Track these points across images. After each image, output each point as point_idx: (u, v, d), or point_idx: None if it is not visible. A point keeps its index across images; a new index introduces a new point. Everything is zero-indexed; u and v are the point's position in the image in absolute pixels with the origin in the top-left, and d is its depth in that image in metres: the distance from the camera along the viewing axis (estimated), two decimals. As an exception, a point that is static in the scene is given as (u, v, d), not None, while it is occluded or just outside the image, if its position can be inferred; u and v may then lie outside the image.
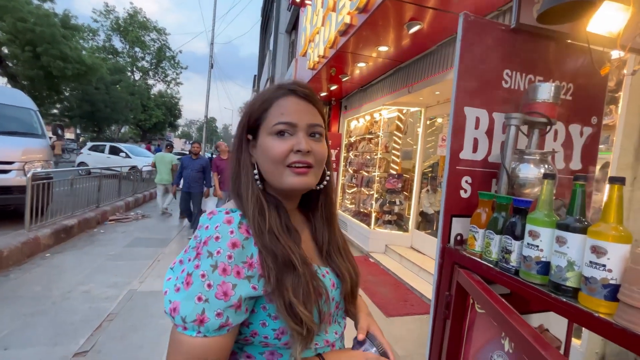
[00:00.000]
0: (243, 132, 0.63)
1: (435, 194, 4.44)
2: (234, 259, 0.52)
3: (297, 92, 0.61)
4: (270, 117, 0.60)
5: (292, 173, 0.59)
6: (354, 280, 0.69)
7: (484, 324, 0.90)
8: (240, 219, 0.56)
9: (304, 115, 0.60)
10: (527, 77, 1.20)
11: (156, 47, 29.04)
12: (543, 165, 1.04)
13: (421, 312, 3.04)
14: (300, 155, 0.59)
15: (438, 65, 3.48)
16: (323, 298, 0.59)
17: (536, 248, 0.78)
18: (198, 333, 0.49)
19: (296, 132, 0.59)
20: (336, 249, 0.69)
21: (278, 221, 0.59)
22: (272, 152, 0.59)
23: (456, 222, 1.15)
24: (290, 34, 11.18)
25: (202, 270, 0.51)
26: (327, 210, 0.71)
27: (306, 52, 5.32)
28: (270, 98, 0.61)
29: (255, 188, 0.60)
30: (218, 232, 0.53)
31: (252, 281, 0.53)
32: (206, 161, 5.33)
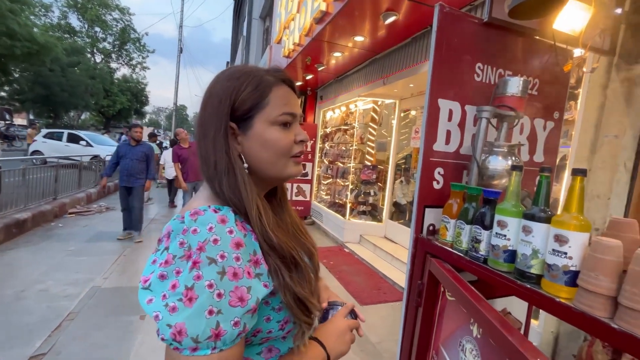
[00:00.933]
0: (226, 120, 0.56)
1: (408, 185, 4.56)
2: (242, 260, 0.48)
3: (289, 82, 0.61)
4: (271, 105, 0.57)
5: (294, 163, 0.60)
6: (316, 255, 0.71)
7: (454, 311, 0.93)
8: (235, 216, 0.52)
9: (297, 106, 0.61)
10: (497, 71, 1.23)
11: (119, 27, 27.04)
12: (510, 158, 1.08)
13: (393, 300, 3.14)
14: (301, 146, 0.60)
15: (412, 57, 3.52)
16: (313, 283, 0.60)
17: (504, 237, 0.80)
18: (213, 350, 0.44)
19: (294, 122, 0.60)
20: (298, 229, 0.69)
21: (270, 214, 0.57)
22: (279, 144, 0.57)
23: (429, 213, 1.17)
24: (264, 20, 10.84)
25: (208, 280, 0.45)
26: (281, 192, 0.71)
27: (281, 39, 5.19)
28: (267, 84, 0.57)
29: (252, 184, 0.56)
30: (215, 235, 0.47)
31: (262, 279, 0.51)
32: (149, 148, 4.48)
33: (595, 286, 0.59)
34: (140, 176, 4.34)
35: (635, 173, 1.41)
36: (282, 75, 0.60)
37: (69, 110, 23.40)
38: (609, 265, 0.59)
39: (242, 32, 13.69)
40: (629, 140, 1.45)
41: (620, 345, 0.57)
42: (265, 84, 0.57)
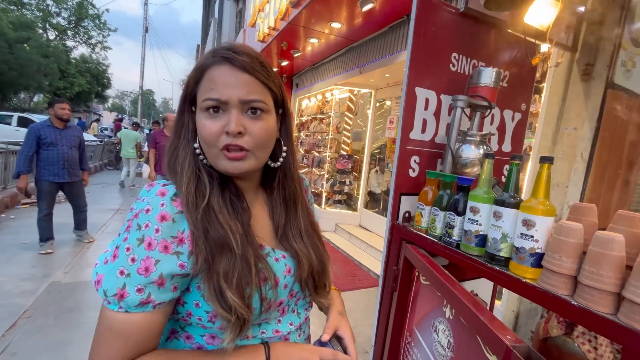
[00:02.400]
0: (185, 103, 0.58)
1: (383, 175, 4.65)
2: (161, 232, 0.49)
3: (232, 60, 0.52)
4: (201, 89, 0.54)
5: (224, 157, 0.53)
6: (315, 268, 0.63)
7: (428, 294, 0.96)
8: (176, 192, 0.53)
9: (237, 90, 0.52)
10: (471, 62, 1.26)
11: (75, 1, 24.76)
12: (482, 146, 1.12)
13: (368, 286, 3.23)
14: (231, 138, 0.52)
15: (389, 47, 3.54)
16: (269, 283, 0.54)
17: (476, 223, 0.84)
18: (120, 308, 0.47)
19: (228, 110, 0.52)
20: (296, 232, 0.64)
21: (220, 198, 0.55)
22: (203, 132, 0.53)
23: (405, 200, 1.20)
24: (237, 1, 10.37)
25: (129, 243, 0.49)
26: (285, 189, 0.65)
27: (255, 23, 5.00)
28: (203, 66, 0.54)
29: (193, 162, 0.56)
30: (149, 204, 0.50)
31: (180, 258, 0.50)
32: (80, 132, 3.55)
33: (558, 267, 0.63)
34: (77, 167, 3.48)
35: (590, 163, 1.52)
36: (226, 54, 0.53)
37: (18, 92, 21.28)
38: (571, 247, 0.63)
39: (214, 13, 13.04)
40: (586, 132, 1.55)
41: (578, 320, 0.61)
42: (203, 65, 0.54)
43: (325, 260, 0.67)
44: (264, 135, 0.55)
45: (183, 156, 0.56)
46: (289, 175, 0.65)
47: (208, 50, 0.57)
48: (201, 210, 0.52)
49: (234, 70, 0.53)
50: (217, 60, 0.53)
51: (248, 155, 0.54)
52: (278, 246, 0.62)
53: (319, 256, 0.65)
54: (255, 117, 0.54)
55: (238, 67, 0.53)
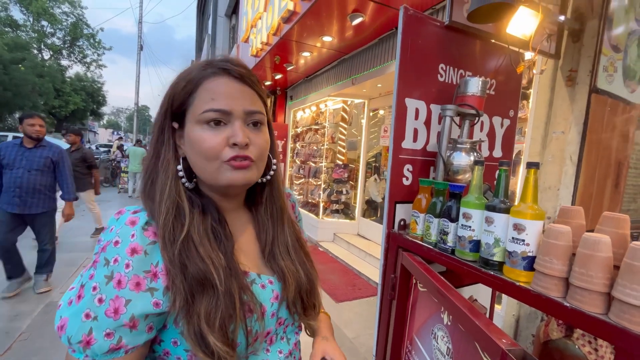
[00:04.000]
0: (165, 119, 0.53)
1: (381, 182, 4.67)
2: (132, 268, 0.44)
3: (230, 71, 0.51)
4: (197, 102, 0.50)
5: (230, 167, 0.50)
6: (304, 286, 0.59)
7: (426, 301, 0.97)
8: (148, 220, 0.48)
9: (239, 100, 0.50)
10: (458, 72, 1.30)
11: (70, 22, 25.07)
12: (473, 153, 1.14)
13: (368, 295, 3.21)
14: (237, 150, 0.50)
15: (379, 58, 3.62)
16: (255, 315, 0.50)
17: (469, 228, 0.85)
18: (86, 357, 0.42)
19: (231, 121, 0.50)
20: (283, 248, 0.60)
21: (201, 227, 0.50)
22: (203, 146, 0.49)
23: (400, 208, 1.21)
24: (230, 17, 10.57)
25: (95, 281, 0.44)
26: (273, 204, 0.62)
27: (248, 38, 5.09)
28: (197, 78, 0.50)
29: (174, 187, 0.51)
30: (118, 236, 0.45)
31: (155, 295, 0.45)
32: (58, 152, 2.82)
33: (549, 269, 0.65)
34: (43, 197, 2.74)
35: (580, 165, 1.55)
36: (224, 65, 0.51)
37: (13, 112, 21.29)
38: (560, 250, 0.64)
39: (207, 29, 13.26)
40: (574, 136, 1.59)
41: (571, 321, 0.63)
42: (198, 77, 0.50)
43: (314, 278, 0.63)
44: (265, 147, 0.54)
45: (163, 180, 0.51)
46: (276, 190, 0.63)
47: (198, 62, 0.53)
48: (179, 244, 0.47)
49: (234, 82, 0.51)
50: (215, 71, 0.51)
51: (252, 165, 0.52)
52: (264, 269, 0.58)
53: (307, 273, 0.61)
54: (257, 130, 0.53)
55: (238, 79, 0.51)
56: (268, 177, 0.61)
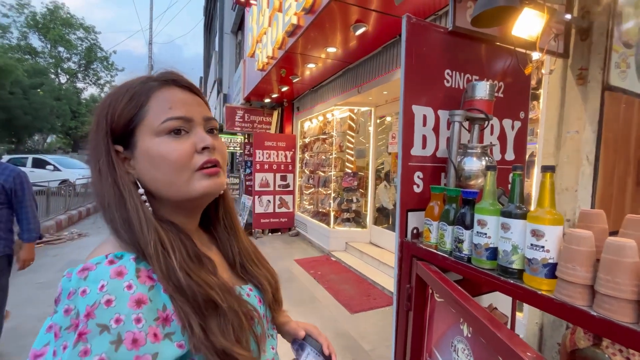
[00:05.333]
0: (105, 144, 0.47)
1: (391, 189, 4.63)
2: (145, 321, 0.39)
3: (178, 81, 0.50)
4: (152, 114, 0.47)
5: (203, 176, 0.48)
6: (274, 286, 0.64)
7: (444, 312, 0.94)
8: (136, 265, 0.43)
9: (197, 107, 0.50)
10: (465, 76, 1.29)
11: (84, 46, 26.20)
12: (484, 158, 1.12)
13: (383, 305, 3.14)
14: (207, 155, 0.48)
15: (384, 65, 3.63)
16: (256, 320, 0.52)
17: (484, 235, 0.83)
18: None
19: (193, 128, 0.49)
20: (249, 258, 0.62)
21: (185, 252, 0.47)
22: (170, 157, 0.46)
23: (412, 216, 1.19)
24: (236, 34, 10.85)
25: (98, 354, 0.36)
26: (229, 218, 0.62)
27: (254, 53, 5.20)
28: (144, 91, 0.48)
29: (148, 215, 0.46)
30: (108, 294, 0.38)
31: (174, 339, 0.42)
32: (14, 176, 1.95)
33: (572, 277, 0.62)
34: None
35: (597, 165, 1.50)
36: (168, 76, 0.50)
37: (32, 134, 22.20)
38: (583, 256, 0.62)
39: (214, 47, 13.63)
40: (589, 135, 1.55)
41: (599, 331, 0.60)
42: (141, 90, 0.48)
43: (276, 275, 0.68)
44: (226, 152, 0.55)
45: (134, 209, 0.46)
46: (229, 202, 0.63)
47: (136, 78, 0.51)
48: (179, 273, 0.44)
49: (184, 91, 0.50)
50: (162, 82, 0.49)
51: (221, 171, 0.51)
52: (239, 282, 0.59)
53: (272, 273, 0.65)
54: (215, 136, 0.52)
55: (187, 88, 0.51)
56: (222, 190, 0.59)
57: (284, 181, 6.23)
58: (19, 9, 23.26)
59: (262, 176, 6.02)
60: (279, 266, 4.29)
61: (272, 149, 6.09)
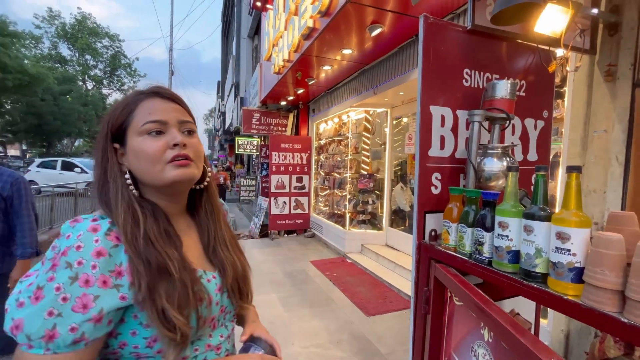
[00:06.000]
0: (106, 141, 0.62)
1: (408, 191, 4.57)
2: (99, 268, 0.50)
3: (161, 94, 0.63)
4: (137, 118, 0.60)
5: (173, 167, 0.59)
6: (239, 273, 0.70)
7: (463, 316, 0.92)
8: (110, 226, 0.54)
9: (173, 113, 0.62)
10: (484, 76, 1.26)
11: (109, 54, 27.39)
12: (505, 158, 1.09)
13: (400, 308, 3.10)
14: (177, 149, 0.60)
15: (400, 66, 3.60)
16: (204, 303, 0.59)
17: (506, 238, 0.81)
18: (47, 350, 0.47)
19: (168, 129, 0.61)
20: (222, 242, 0.70)
21: (155, 227, 0.58)
22: (147, 152, 0.58)
23: (430, 218, 1.18)
24: (252, 38, 11.04)
25: (58, 282, 0.48)
26: (210, 205, 0.72)
27: (270, 57, 5.28)
28: (133, 101, 0.61)
29: (127, 194, 0.59)
30: (80, 241, 0.51)
31: (121, 290, 0.52)
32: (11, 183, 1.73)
33: (601, 281, 0.60)
34: None
35: (627, 166, 1.43)
36: (154, 89, 0.63)
37: (62, 138, 23.41)
38: (613, 260, 0.59)
39: (232, 51, 13.92)
40: (618, 134, 1.48)
41: (631, 339, 0.57)
42: (134, 100, 0.61)
43: (247, 267, 0.74)
44: (200, 149, 0.65)
45: (115, 189, 0.59)
46: (211, 194, 0.73)
47: (132, 92, 0.65)
48: (140, 241, 0.54)
49: (166, 101, 0.62)
50: (148, 95, 0.62)
51: (192, 164, 0.62)
52: (208, 267, 0.66)
53: (242, 263, 0.72)
54: (190, 136, 0.64)
55: (168, 99, 0.63)
56: (205, 183, 0.71)
57: (299, 183, 6.27)
58: (50, 20, 24.63)
59: (278, 178, 6.08)
60: (295, 267, 4.31)
61: (287, 151, 6.15)
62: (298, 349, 2.42)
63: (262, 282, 3.76)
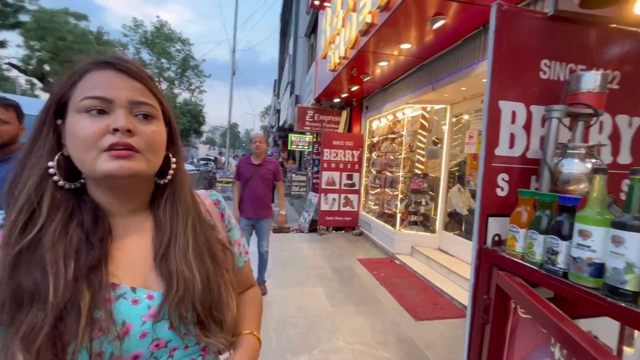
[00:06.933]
0: (47, 115, 0.49)
1: (466, 193, 4.28)
2: None
3: (115, 64, 0.48)
4: (78, 92, 0.47)
5: (109, 157, 0.46)
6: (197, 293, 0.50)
7: (530, 330, 0.85)
8: (3, 223, 0.45)
9: (124, 91, 0.48)
10: (567, 67, 1.12)
11: (181, 57, 30.31)
12: (589, 160, 0.97)
13: (452, 316, 2.94)
14: (118, 136, 0.46)
15: (464, 59, 3.37)
16: (109, 336, 0.43)
17: (588, 249, 0.72)
18: None
19: (114, 110, 0.47)
20: (180, 252, 0.53)
21: (59, 230, 0.45)
22: (79, 134, 0.46)
23: (493, 222, 1.09)
24: (309, 37, 11.26)
25: None
26: (174, 205, 0.56)
27: (326, 55, 5.33)
28: (81, 70, 0.48)
29: (36, 184, 0.46)
30: None
31: None
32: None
33: None
34: None
35: None
36: (109, 59, 0.49)
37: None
38: None
39: (288, 50, 14.37)
40: None
41: None
42: (78, 70, 0.48)
43: (220, 286, 0.53)
44: (156, 139, 0.51)
45: (26, 177, 0.47)
46: (179, 190, 0.58)
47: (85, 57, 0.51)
48: (20, 247, 0.42)
49: (120, 74, 0.49)
50: (99, 64, 0.49)
51: (136, 156, 0.48)
52: (151, 281, 0.51)
53: (208, 281, 0.52)
54: (147, 121, 0.50)
55: (124, 72, 0.49)
56: (168, 177, 0.57)
57: (349, 180, 6.26)
58: (134, 29, 28.08)
59: (328, 175, 6.15)
60: (342, 264, 4.33)
61: (339, 148, 6.18)
62: (343, 344, 2.44)
63: (310, 276, 3.86)
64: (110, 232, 0.50)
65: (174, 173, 0.58)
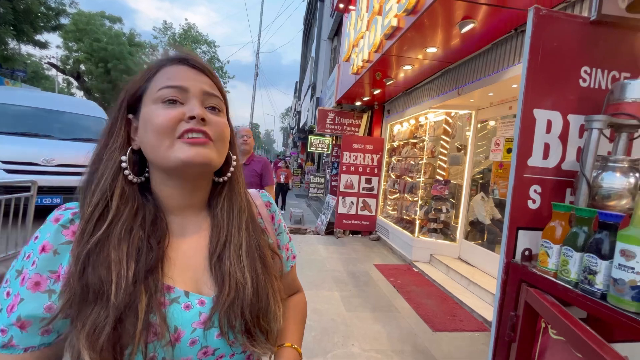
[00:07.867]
0: (120, 110, 0.51)
1: (489, 202, 4.14)
2: (37, 266, 0.42)
3: (189, 60, 0.52)
4: (154, 84, 0.50)
5: (184, 144, 0.47)
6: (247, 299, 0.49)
7: (562, 352, 0.80)
8: (72, 218, 0.46)
9: (197, 83, 0.51)
10: (610, 74, 1.06)
11: (207, 59, 31.23)
12: (633, 174, 0.91)
13: (472, 329, 2.83)
14: (194, 123, 0.48)
15: (492, 64, 3.26)
16: (162, 341, 0.43)
17: (631, 270, 0.67)
18: None
19: (188, 100, 0.49)
20: (235, 252, 0.52)
21: (125, 227, 0.45)
22: (156, 121, 0.47)
23: (523, 235, 1.05)
24: (332, 40, 11.29)
25: (9, 274, 0.43)
26: (231, 203, 0.56)
27: (349, 57, 5.32)
28: (156, 66, 0.51)
29: (111, 178, 0.47)
30: (40, 231, 0.45)
31: (52, 298, 0.42)
32: None
33: None
34: None
35: None
36: (179, 55, 0.52)
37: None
38: None
39: (311, 53, 14.47)
40: None
41: None
42: (156, 65, 0.52)
43: (269, 294, 0.52)
44: (225, 131, 0.53)
45: (102, 170, 0.48)
46: (236, 188, 0.58)
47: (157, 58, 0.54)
48: (91, 244, 0.43)
49: (192, 69, 0.52)
50: (173, 61, 0.52)
51: (210, 144, 0.49)
52: (204, 285, 0.51)
53: (258, 286, 0.51)
54: (215, 113, 0.52)
55: (196, 68, 0.52)
56: (229, 174, 0.57)
57: (368, 184, 6.21)
58: (164, 31, 29.24)
59: (347, 178, 6.12)
60: (358, 268, 4.29)
61: (359, 151, 6.14)
62: (358, 350, 2.41)
63: (325, 278, 3.84)
64: (168, 233, 0.51)
65: (233, 171, 0.58)
